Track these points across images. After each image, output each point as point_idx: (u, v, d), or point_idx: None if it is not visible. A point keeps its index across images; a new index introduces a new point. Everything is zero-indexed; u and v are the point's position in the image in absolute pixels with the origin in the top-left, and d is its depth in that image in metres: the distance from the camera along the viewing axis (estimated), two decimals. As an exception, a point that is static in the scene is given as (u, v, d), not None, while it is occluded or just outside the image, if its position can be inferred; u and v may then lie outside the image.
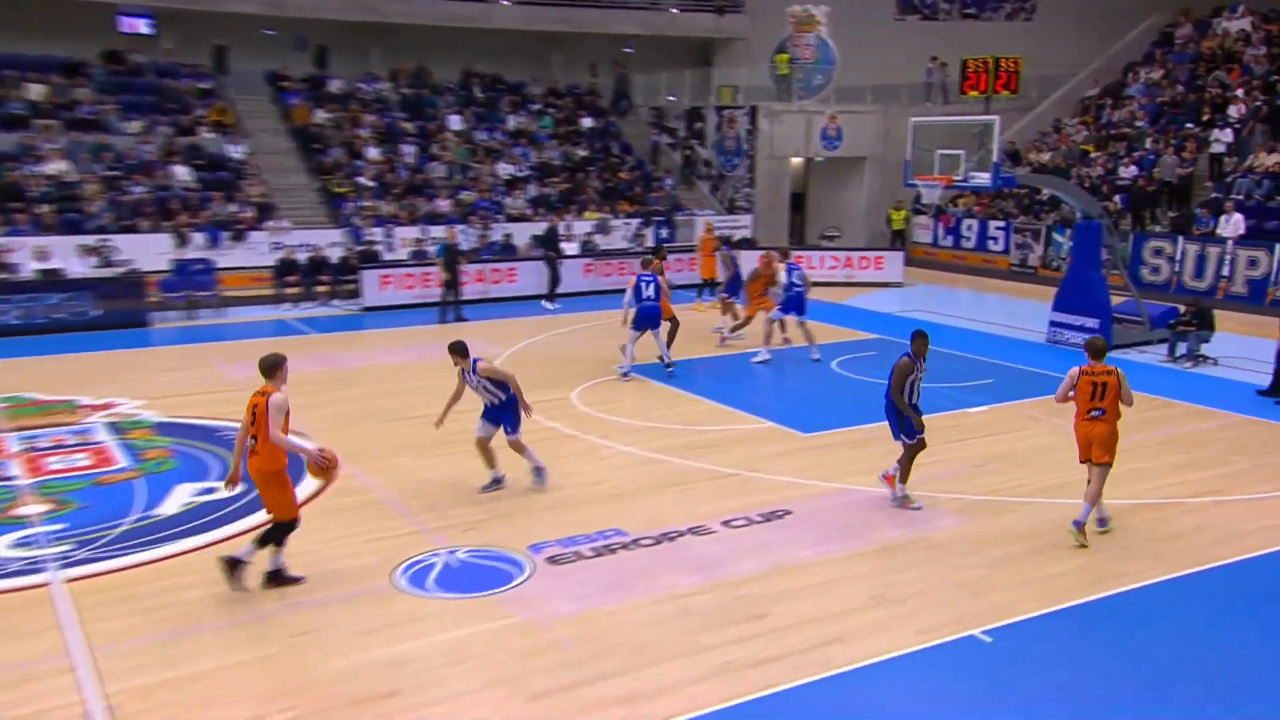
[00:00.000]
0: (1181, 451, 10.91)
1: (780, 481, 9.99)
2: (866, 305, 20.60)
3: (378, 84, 27.79)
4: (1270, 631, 7.09)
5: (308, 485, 9.93)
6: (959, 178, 14.93)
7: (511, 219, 24.33)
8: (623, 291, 15.02)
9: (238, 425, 7.77)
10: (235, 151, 24.09)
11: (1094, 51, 30.49)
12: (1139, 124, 25.99)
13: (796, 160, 29.84)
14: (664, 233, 25.84)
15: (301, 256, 21.01)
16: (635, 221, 25.54)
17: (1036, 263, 24.16)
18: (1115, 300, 16.58)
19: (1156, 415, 12.35)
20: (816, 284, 22.84)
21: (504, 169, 26.23)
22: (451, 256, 18.60)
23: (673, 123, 31.13)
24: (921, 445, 9.24)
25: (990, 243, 25.45)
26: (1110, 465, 8.45)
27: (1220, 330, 15.29)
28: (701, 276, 20.84)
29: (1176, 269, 20.81)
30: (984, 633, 6.97)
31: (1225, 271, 19.98)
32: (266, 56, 27.98)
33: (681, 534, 8.66)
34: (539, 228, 22.83)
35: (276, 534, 7.57)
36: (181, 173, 22.92)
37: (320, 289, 20.42)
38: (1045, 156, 26.76)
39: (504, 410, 9.54)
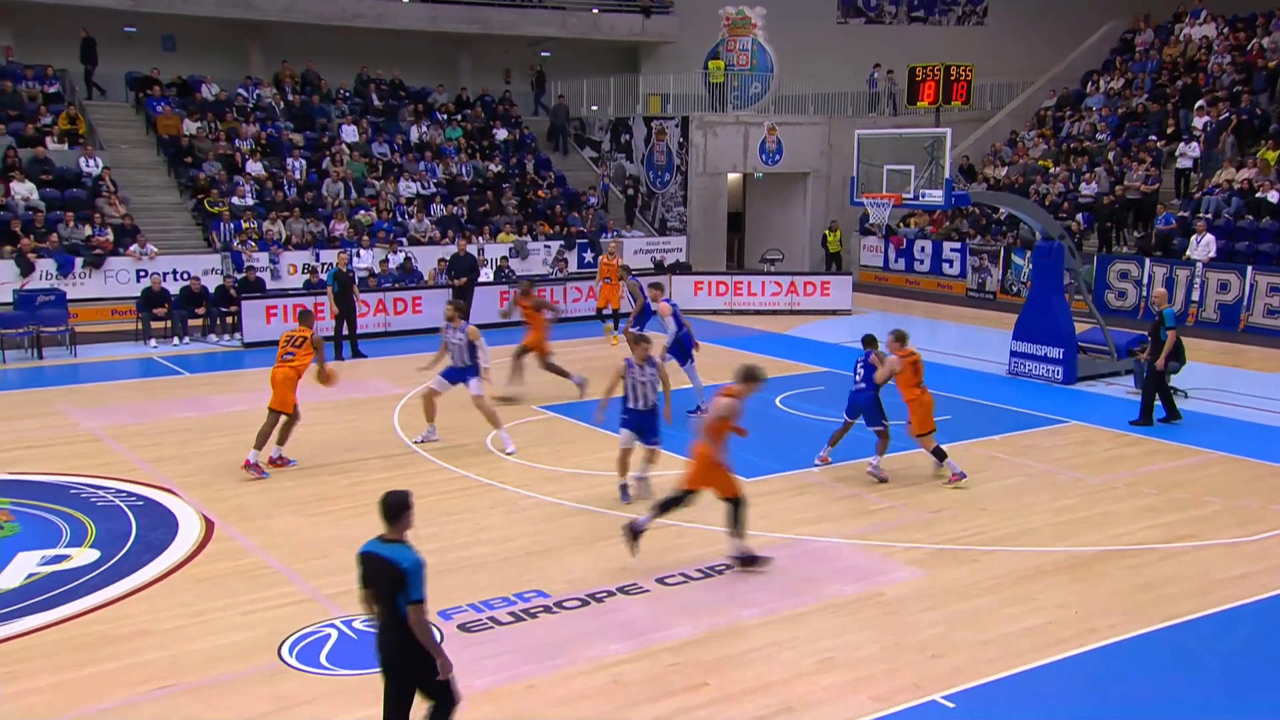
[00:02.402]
0: (1152, 493, 11.28)
1: (719, 533, 10.03)
2: (812, 335, 20.95)
3: (259, 90, 27.53)
4: (1254, 690, 7.35)
5: (176, 551, 9.68)
6: (909, 195, 15.34)
7: (415, 242, 24.20)
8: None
9: (93, 481, 7.54)
10: (90, 166, 23.57)
11: (1050, 59, 31.77)
12: (1100, 137, 27.08)
13: (734, 176, 30.35)
14: (589, 256, 25.99)
15: (171, 286, 20.58)
16: (556, 244, 25.63)
17: (995, 287, 24.89)
18: (1079, 328, 17.14)
19: (1125, 454, 12.77)
20: (758, 312, 23.37)
21: (406, 186, 26.12)
22: (344, 285, 18.42)
23: (596, 135, 31.42)
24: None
25: (945, 266, 26.15)
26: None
27: (1191, 359, 15.89)
28: (598, 305, 20.93)
29: (1144, 293, 21.63)
30: (945, 698, 7.08)
31: (1195, 296, 20.84)
32: (126, 57, 27.51)
33: (610, 594, 8.66)
34: (447, 251, 22.77)
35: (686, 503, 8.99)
36: (23, 190, 22.33)
37: (194, 323, 20.01)
38: (1002, 172, 27.69)
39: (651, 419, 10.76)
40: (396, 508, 5.78)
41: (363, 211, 24.65)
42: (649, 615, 8.28)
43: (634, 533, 9.24)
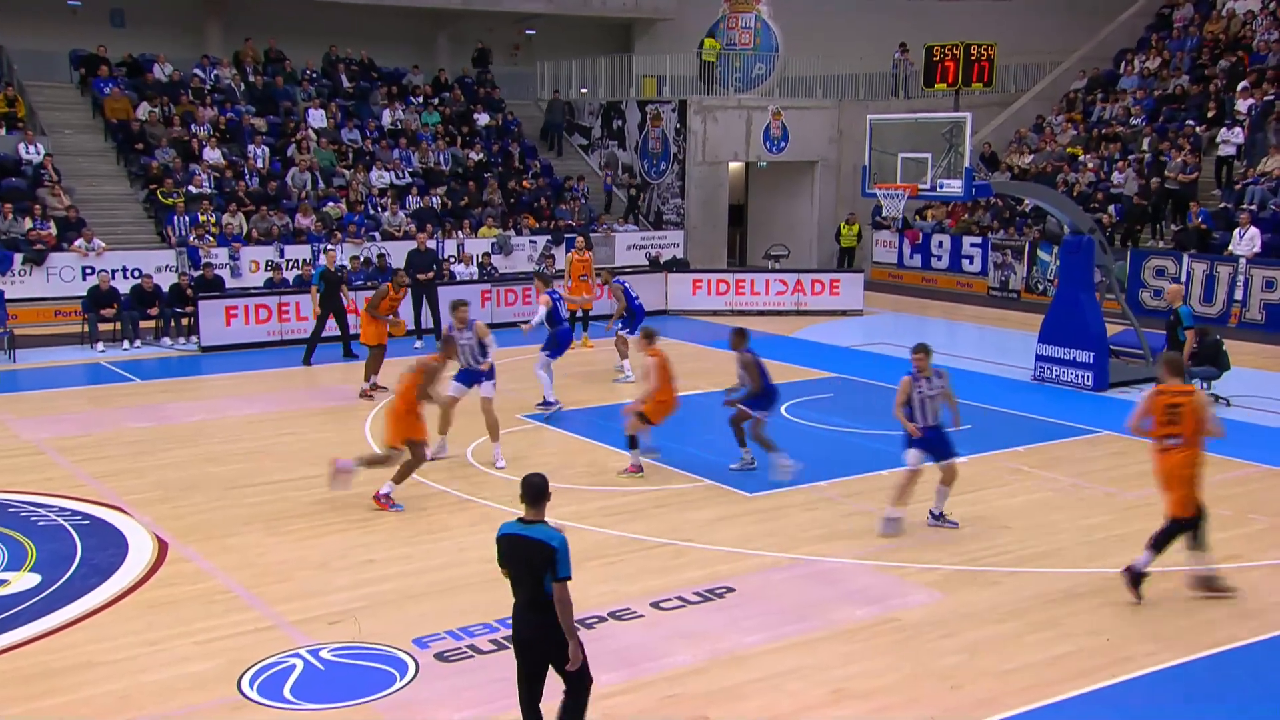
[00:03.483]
0: (1191, 508, 11.30)
1: (720, 553, 10.06)
2: (821, 338, 20.98)
3: (217, 70, 27.53)
4: (1297, 719, 7.37)
5: (125, 574, 9.67)
6: (925, 186, 15.40)
7: (389, 237, 24.21)
8: (526, 322, 15.40)
9: (33, 498, 7.52)
10: (30, 153, 23.53)
11: (1080, 37, 31.87)
12: (1134, 122, 27.18)
13: (735, 165, 30.40)
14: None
15: (120, 285, 20.55)
16: (543, 239, 25.65)
17: (1019, 286, 24.96)
18: (1112, 329, 17.20)
19: (1162, 465, 12.78)
20: (761, 313, 23.41)
21: (379, 176, 26.13)
22: (332, 285, 18.39)
23: (586, 120, 31.47)
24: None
25: (965, 263, 26.21)
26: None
27: (1235, 364, 15.94)
28: (569, 307, 20.67)
29: (1183, 292, 21.69)
30: (966, 732, 7.09)
31: (1238, 295, 20.90)
32: (70, 34, 27.46)
33: (601, 619, 8.66)
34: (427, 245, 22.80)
35: (1179, 532, 8.83)
36: (-46, 180, 22.30)
37: (145, 325, 19.98)
38: (1026, 160, 27.77)
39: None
40: (539, 489, 6.41)
41: (331, 204, 24.65)
42: (644, 642, 8.28)
43: (1136, 578, 8.97)
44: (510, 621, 6.52)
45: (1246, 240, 21.08)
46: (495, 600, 8.97)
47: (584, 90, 32.10)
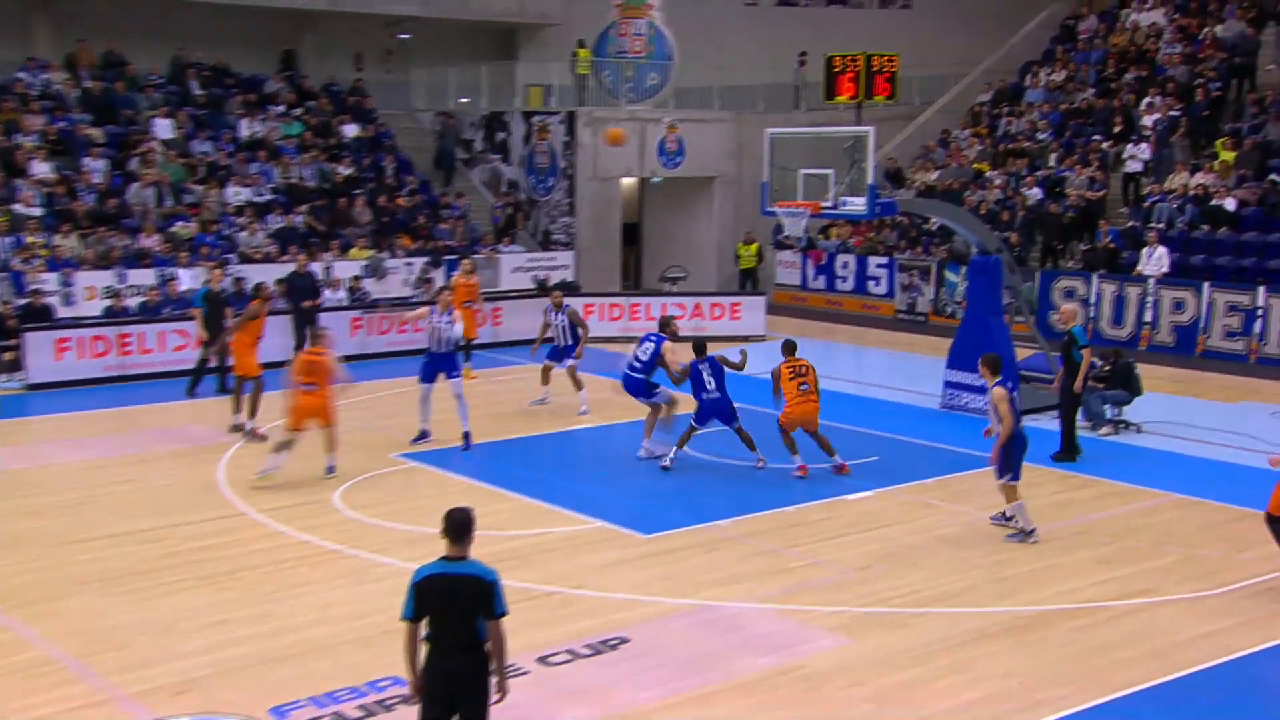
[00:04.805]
0: (1104, 542, 11.67)
1: (613, 600, 10.04)
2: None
3: (46, 73, 26.72)
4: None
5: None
6: (828, 204, 15.67)
7: (247, 259, 23.72)
8: (405, 354, 15.41)
9: None
10: None
11: (985, 48, 32.95)
12: (1041, 136, 28.15)
13: (629, 182, 30.61)
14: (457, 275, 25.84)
15: (-65, 313, 19.78)
16: (420, 261, 25.42)
17: (927, 308, 25.56)
18: (1021, 354, 17.69)
19: (1074, 497, 13.20)
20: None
21: (235, 193, 25.62)
22: (215, 307, 17.95)
23: (467, 133, 31.37)
24: None
25: (871, 284, 26.75)
26: None
27: (1147, 388, 16.52)
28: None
29: (1092, 314, 22.47)
30: (875, 786, 7.18)
31: (1148, 317, 21.72)
32: None
33: (482, 680, 8.57)
34: (287, 270, 22.41)
35: None
36: None
37: (-36, 360, 19.26)
38: (933, 176, 28.54)
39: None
40: (464, 524, 6.57)
41: (180, 223, 24.05)
42: (529, 702, 8.21)
43: None
44: (424, 671, 6.49)
45: (1155, 260, 21.91)
46: (363, 663, 8.83)
47: (464, 100, 32.01)
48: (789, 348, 14.28)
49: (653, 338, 14.80)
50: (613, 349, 22.68)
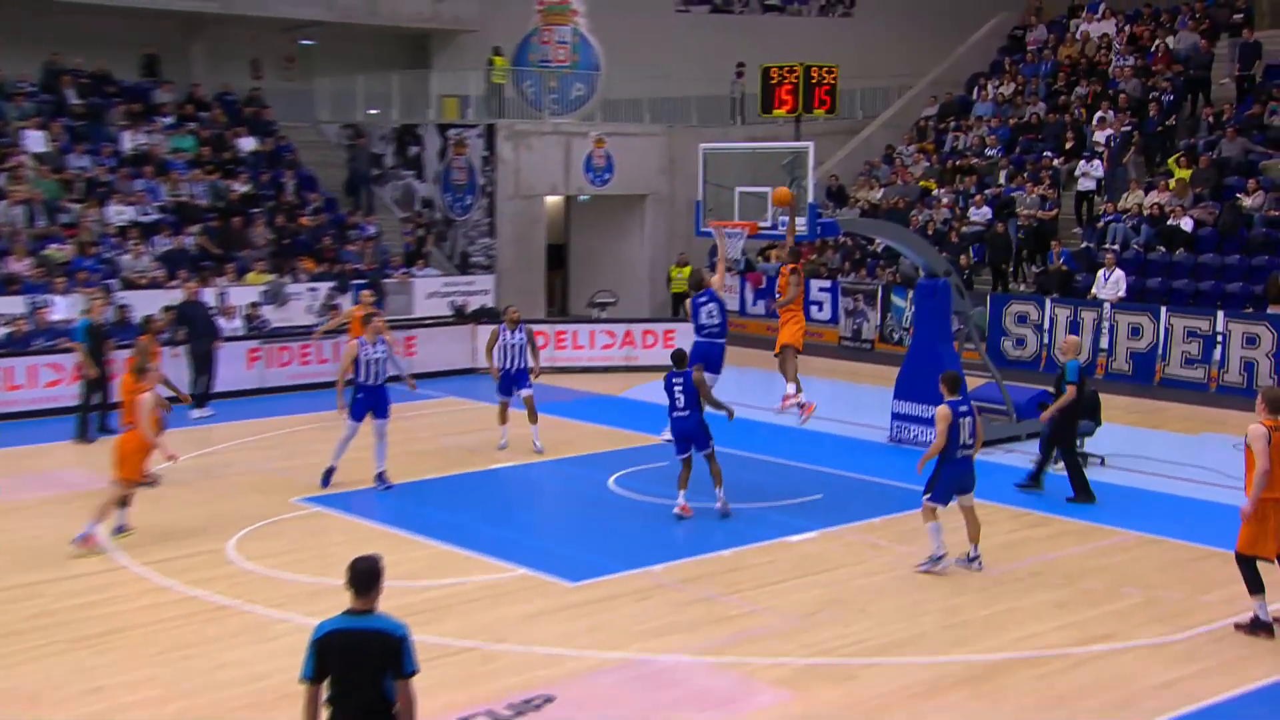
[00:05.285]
0: (1060, 584, 11.73)
1: (538, 655, 9.91)
2: (653, 397, 21.01)
3: (-97, 81, 26.14)
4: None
5: None
6: (766, 224, 15.71)
7: (131, 285, 23.27)
8: (306, 387, 15.14)
9: None
10: None
11: (930, 59, 33.45)
12: (990, 152, 28.59)
13: (553, 200, 30.59)
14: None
15: None
16: (325, 286, 25.12)
17: (873, 335, 25.76)
18: (972, 383, 17.82)
19: (1029, 536, 13.28)
20: (586, 369, 23.45)
21: (118, 212, 25.17)
22: (97, 340, 17.53)
23: (378, 146, 31.16)
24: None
25: (814, 309, 26.88)
26: None
27: (1105, 419, 16.68)
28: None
29: (1045, 340, 22.77)
30: None
31: (1104, 344, 22.04)
32: None
33: (393, 746, 8.39)
34: (176, 296, 22.03)
35: None
36: None
37: None
38: (877, 194, 28.85)
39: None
40: (370, 574, 6.39)
41: (55, 245, 23.56)
42: (444, 770, 8.05)
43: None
44: None
45: (1111, 283, 22.25)
46: (262, 727, 8.60)
47: (373, 111, 31.81)
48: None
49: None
50: (535, 380, 22.60)
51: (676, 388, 13.81)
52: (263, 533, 13.16)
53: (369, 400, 14.79)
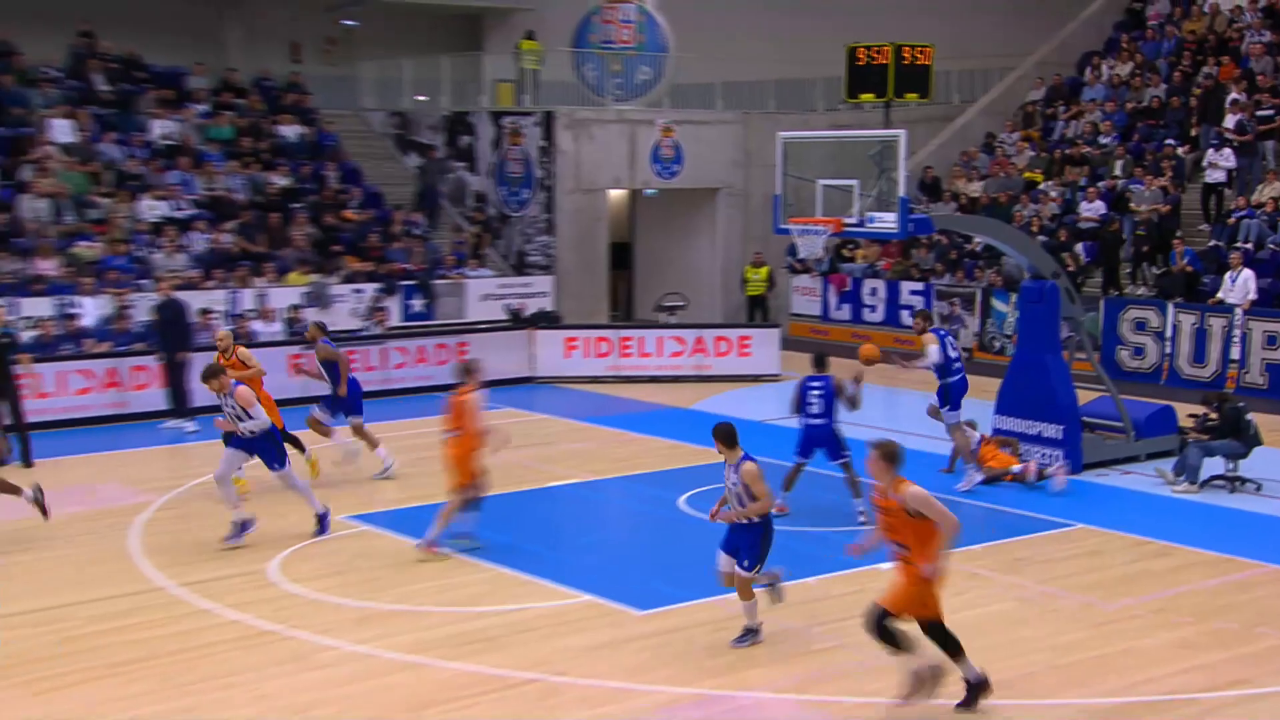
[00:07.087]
0: (1187, 621, 11.55)
1: (605, 689, 9.95)
2: (728, 410, 21.07)
3: (-82, 65, 26.79)
4: None
5: None
6: (852, 221, 15.70)
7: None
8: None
9: None
10: None
11: (1036, 38, 33.13)
12: (1103, 141, 28.29)
13: (617, 195, 30.69)
14: (418, 303, 25.82)
15: None
16: (371, 288, 25.40)
17: (971, 343, 25.58)
18: (1084, 397, 17.67)
19: (1150, 568, 13.10)
20: (653, 379, 23.50)
21: (150, 207, 25.63)
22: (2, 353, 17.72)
23: (425, 136, 31.46)
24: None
25: (905, 314, 26.77)
26: None
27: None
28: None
29: (1168, 350, 22.47)
30: None
31: (1235, 354, 21.68)
32: None
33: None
34: (212, 298, 22.40)
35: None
36: None
37: None
38: (976, 188, 28.65)
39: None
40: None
41: (84, 243, 24.04)
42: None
43: None
44: None
45: (1239, 285, 21.88)
46: (308, 763, 8.74)
47: (421, 98, 32.11)
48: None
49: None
50: (599, 390, 22.71)
51: (813, 392, 14.37)
52: (307, 552, 13.33)
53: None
